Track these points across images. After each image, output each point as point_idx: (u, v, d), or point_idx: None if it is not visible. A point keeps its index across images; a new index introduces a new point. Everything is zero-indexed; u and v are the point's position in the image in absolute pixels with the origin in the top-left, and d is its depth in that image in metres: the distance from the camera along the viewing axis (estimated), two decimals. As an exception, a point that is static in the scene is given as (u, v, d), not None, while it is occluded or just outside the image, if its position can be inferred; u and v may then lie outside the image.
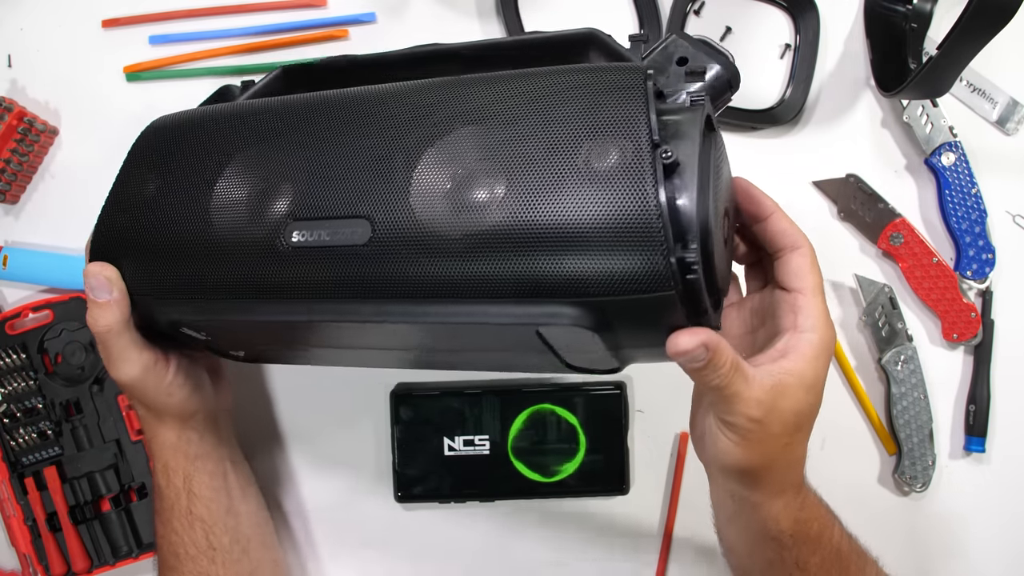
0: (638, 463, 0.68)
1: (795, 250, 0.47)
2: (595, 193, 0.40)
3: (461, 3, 0.69)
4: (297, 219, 0.46)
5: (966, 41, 0.55)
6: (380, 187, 0.44)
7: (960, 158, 0.67)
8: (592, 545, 0.68)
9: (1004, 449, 0.67)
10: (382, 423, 0.67)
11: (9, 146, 0.65)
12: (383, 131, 0.46)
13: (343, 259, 0.44)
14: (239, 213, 0.48)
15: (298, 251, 0.46)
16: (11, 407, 0.65)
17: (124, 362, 0.52)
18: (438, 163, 0.44)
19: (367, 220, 0.44)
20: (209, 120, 0.52)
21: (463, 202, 0.42)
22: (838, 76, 0.69)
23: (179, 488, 0.56)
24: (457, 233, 0.42)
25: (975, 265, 0.67)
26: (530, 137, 0.42)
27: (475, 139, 0.43)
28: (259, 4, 0.69)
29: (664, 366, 0.67)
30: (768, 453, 0.45)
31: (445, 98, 0.46)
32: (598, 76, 0.44)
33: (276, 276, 0.47)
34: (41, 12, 0.69)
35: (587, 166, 0.40)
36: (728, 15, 0.69)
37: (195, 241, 0.48)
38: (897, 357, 0.67)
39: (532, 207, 0.41)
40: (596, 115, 0.41)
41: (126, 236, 0.50)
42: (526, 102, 0.44)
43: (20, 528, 0.65)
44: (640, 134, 0.40)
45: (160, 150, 0.52)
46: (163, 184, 0.50)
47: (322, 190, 0.46)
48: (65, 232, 0.68)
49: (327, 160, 0.46)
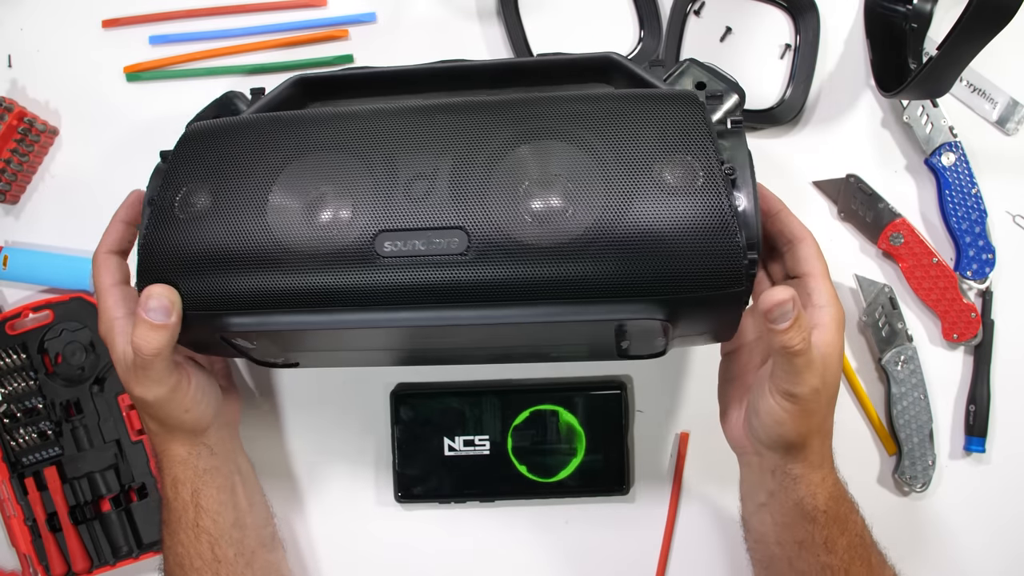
0: (638, 463, 0.68)
1: (802, 241, 0.53)
2: (679, 206, 0.45)
3: (461, 3, 0.69)
4: (387, 230, 0.47)
5: (966, 41, 0.55)
6: (472, 197, 0.46)
7: (960, 158, 0.67)
8: (592, 545, 0.68)
9: (1004, 449, 0.67)
10: (382, 423, 0.67)
11: (9, 146, 0.65)
12: (463, 143, 0.48)
13: (440, 268, 0.46)
14: (320, 224, 0.47)
15: (391, 261, 0.47)
16: (11, 407, 0.65)
17: (155, 383, 0.52)
18: (526, 174, 0.47)
19: (462, 231, 0.46)
20: (262, 128, 0.51)
21: (553, 211, 0.46)
22: (838, 76, 0.69)
23: (186, 501, 0.56)
24: (549, 241, 0.46)
25: (975, 265, 0.67)
26: (611, 153, 0.46)
27: (560, 154, 0.47)
28: (259, 4, 0.69)
29: (664, 367, 0.67)
30: (816, 422, 0.51)
31: (524, 113, 0.49)
32: (662, 103, 0.49)
33: (368, 287, 0.47)
34: (41, 12, 0.69)
35: (667, 183, 0.45)
36: (728, 15, 0.69)
37: (269, 254, 0.48)
38: (897, 357, 0.67)
39: (622, 217, 0.45)
40: (669, 137, 0.47)
41: (181, 251, 0.49)
42: (603, 122, 0.48)
43: (20, 528, 0.65)
44: (709, 155, 0.46)
45: (208, 160, 0.50)
46: (220, 196, 0.49)
47: (409, 201, 0.47)
48: (65, 232, 0.68)
49: (407, 170, 0.47)
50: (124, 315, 0.54)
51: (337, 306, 0.48)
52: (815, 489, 0.52)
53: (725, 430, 0.58)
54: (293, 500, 0.68)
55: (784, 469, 0.53)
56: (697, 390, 0.68)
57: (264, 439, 0.68)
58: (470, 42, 0.69)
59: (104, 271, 0.55)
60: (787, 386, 0.49)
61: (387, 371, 0.67)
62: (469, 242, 0.46)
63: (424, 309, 0.48)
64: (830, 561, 0.53)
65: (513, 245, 0.46)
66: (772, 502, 0.54)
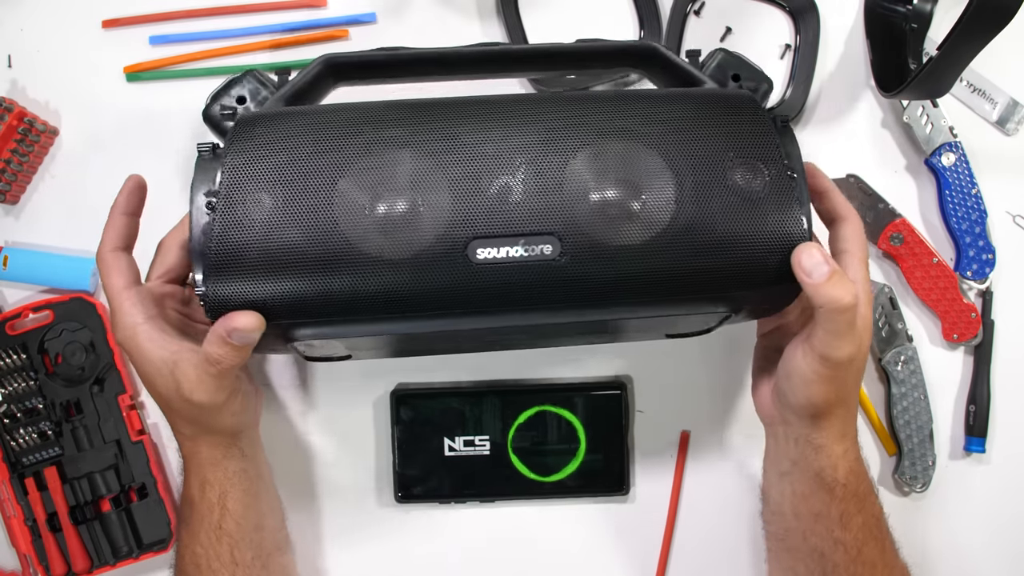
0: (638, 463, 0.68)
1: (846, 220, 0.54)
2: (751, 206, 0.48)
3: (461, 3, 0.69)
4: (480, 236, 0.46)
5: (966, 41, 0.55)
6: (561, 200, 0.47)
7: (960, 158, 0.67)
8: (592, 545, 0.68)
9: (1004, 449, 0.68)
10: (382, 423, 0.67)
11: (9, 146, 0.65)
12: (545, 144, 0.48)
13: (534, 272, 0.47)
14: (407, 232, 0.46)
15: (483, 267, 0.47)
16: (11, 407, 0.65)
17: (218, 390, 0.51)
18: (608, 174, 0.48)
19: (554, 236, 0.47)
20: (327, 121, 0.49)
21: (635, 212, 0.47)
22: (838, 76, 0.69)
23: (213, 503, 0.55)
24: (633, 240, 0.47)
25: (975, 265, 0.67)
26: (689, 155, 0.48)
27: (639, 156, 0.48)
28: (259, 4, 0.69)
29: (665, 367, 0.67)
30: (844, 391, 0.52)
31: (601, 112, 0.50)
32: (728, 106, 0.51)
33: (461, 293, 0.47)
34: (41, 12, 0.69)
35: (740, 185, 0.48)
36: (728, 15, 0.69)
37: (353, 264, 0.46)
38: (897, 357, 0.67)
39: (699, 219, 0.47)
40: (740, 142, 0.49)
41: (255, 259, 0.46)
42: (678, 125, 0.49)
43: (20, 528, 0.65)
44: (777, 159, 0.49)
45: (274, 159, 0.47)
46: (293, 200, 0.46)
47: (500, 205, 0.47)
48: (65, 232, 0.68)
49: (493, 173, 0.47)
50: (146, 319, 0.51)
51: (427, 313, 0.48)
52: (836, 461, 0.53)
53: (756, 402, 0.59)
54: (293, 500, 0.68)
55: (808, 438, 0.53)
56: (697, 390, 0.68)
57: (263, 438, 0.68)
58: (470, 42, 0.68)
59: (114, 272, 0.52)
60: (825, 349, 0.49)
61: (388, 371, 0.67)
62: (562, 247, 0.47)
63: (515, 313, 0.49)
64: (844, 537, 0.53)
65: (601, 248, 0.47)
66: (794, 471, 0.55)
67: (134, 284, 0.52)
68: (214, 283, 0.46)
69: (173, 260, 0.54)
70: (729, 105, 0.51)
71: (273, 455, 0.68)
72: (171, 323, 0.53)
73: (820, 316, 0.49)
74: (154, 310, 0.52)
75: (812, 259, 0.47)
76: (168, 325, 0.53)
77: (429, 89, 0.58)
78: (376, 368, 0.67)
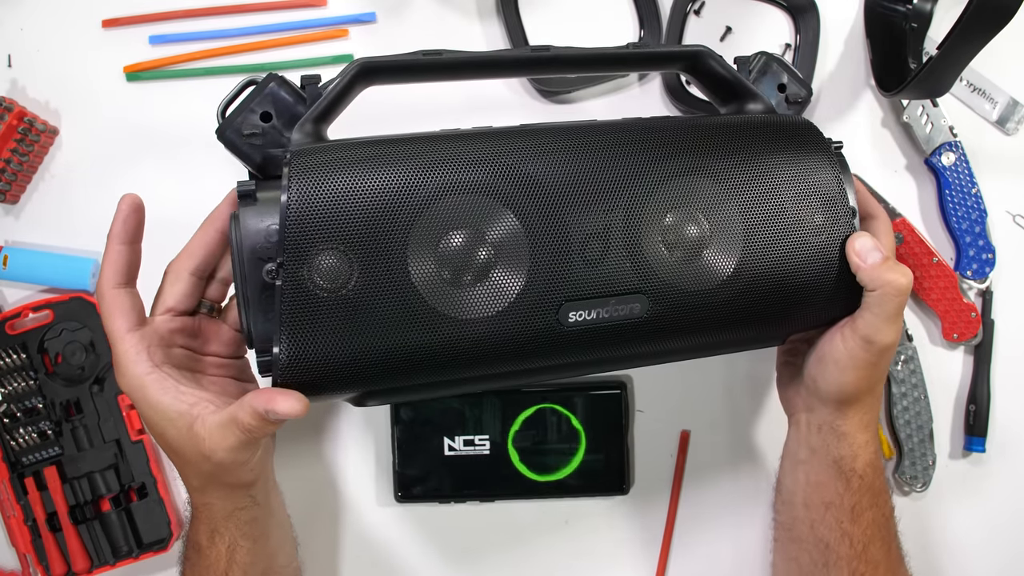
0: (638, 463, 0.68)
1: (875, 219, 0.56)
2: (818, 255, 0.50)
3: (461, 3, 0.69)
4: (572, 299, 0.46)
5: (966, 41, 0.55)
6: (648, 258, 0.47)
7: (960, 158, 0.67)
8: (592, 545, 0.68)
9: (1004, 449, 0.68)
10: (382, 423, 0.67)
11: (9, 146, 0.65)
12: (626, 191, 0.47)
13: (624, 332, 0.47)
14: (496, 301, 0.44)
15: (575, 330, 0.46)
16: (11, 407, 0.65)
17: (241, 451, 0.47)
18: (688, 222, 0.48)
19: (643, 295, 0.47)
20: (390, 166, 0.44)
21: (710, 259, 0.48)
22: (838, 76, 0.69)
23: (221, 553, 0.51)
24: (714, 284, 0.48)
25: (975, 265, 0.67)
26: (761, 199, 0.49)
27: (713, 197, 0.49)
28: (259, 4, 0.69)
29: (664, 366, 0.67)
30: (874, 379, 0.53)
31: (672, 146, 0.49)
32: (796, 138, 0.52)
33: (552, 354, 0.47)
34: (41, 12, 0.69)
35: (808, 229, 0.50)
36: (728, 15, 0.69)
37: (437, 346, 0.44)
38: (897, 357, 0.67)
39: (777, 266, 0.49)
40: (810, 182, 0.51)
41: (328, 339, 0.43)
42: (748, 164, 0.50)
43: (20, 528, 0.65)
44: (844, 199, 0.51)
45: (339, 215, 0.43)
46: (368, 272, 0.43)
47: (587, 266, 0.46)
48: (65, 232, 0.68)
49: (578, 228, 0.46)
50: (153, 368, 0.47)
51: (513, 373, 0.48)
52: (857, 451, 0.54)
53: (780, 390, 0.60)
54: (293, 500, 0.68)
55: (832, 425, 0.54)
56: (697, 390, 0.68)
57: (264, 439, 0.68)
58: (470, 41, 0.69)
59: (116, 313, 0.48)
60: (871, 332, 0.50)
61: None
62: (651, 306, 0.47)
63: (601, 365, 0.50)
64: (852, 530, 0.54)
65: (686, 299, 0.48)
66: (812, 459, 0.55)
67: (138, 326, 0.48)
68: (291, 342, 0.43)
69: (184, 290, 0.50)
70: (796, 138, 0.52)
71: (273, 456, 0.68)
72: (178, 364, 0.49)
73: (871, 300, 0.50)
74: (161, 356, 0.48)
75: (866, 245, 0.50)
76: (176, 370, 0.49)
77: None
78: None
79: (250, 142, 0.48)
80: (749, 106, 0.55)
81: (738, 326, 0.50)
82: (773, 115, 0.54)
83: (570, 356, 0.47)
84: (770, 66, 0.56)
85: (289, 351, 0.43)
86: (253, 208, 0.45)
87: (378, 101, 0.55)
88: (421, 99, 0.64)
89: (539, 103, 0.68)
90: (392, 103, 0.61)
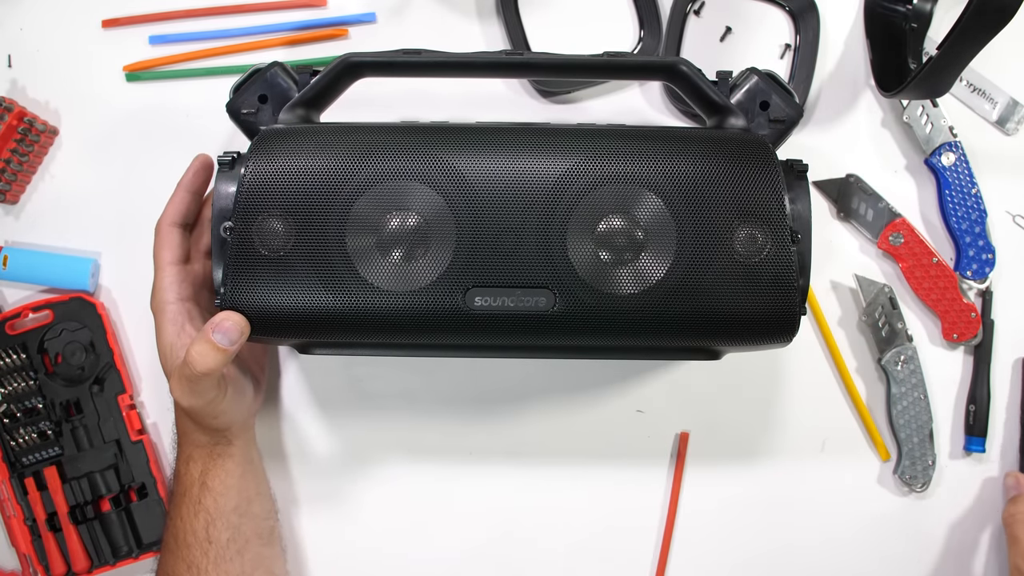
0: (638, 462, 0.68)
1: None
2: (747, 280, 0.50)
3: (461, 3, 0.69)
4: (478, 286, 0.50)
5: (966, 41, 0.55)
6: (559, 255, 0.50)
7: (960, 158, 0.67)
8: (592, 545, 0.68)
9: (1004, 449, 0.67)
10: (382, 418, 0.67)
11: (9, 146, 0.65)
12: (546, 192, 0.50)
13: (527, 323, 0.50)
14: (408, 275, 0.50)
15: (479, 313, 0.50)
16: (11, 407, 0.65)
17: (195, 396, 0.53)
18: (609, 226, 0.50)
19: (548, 290, 0.50)
20: (341, 150, 0.51)
21: (631, 267, 0.50)
22: (838, 76, 0.69)
23: (194, 478, 0.58)
24: (629, 292, 0.49)
25: (975, 265, 0.67)
26: (693, 211, 0.50)
27: (642, 205, 0.50)
28: (259, 4, 0.69)
29: (665, 367, 0.67)
30: None
31: (606, 154, 0.51)
32: (739, 159, 0.51)
33: (455, 338, 0.52)
34: (41, 12, 0.69)
35: (738, 251, 0.50)
36: (728, 15, 0.69)
37: (354, 306, 0.50)
38: (897, 357, 0.67)
39: (693, 283, 0.50)
40: (745, 203, 0.50)
41: (263, 290, 0.50)
42: (683, 175, 0.50)
43: (20, 528, 0.65)
44: (782, 223, 0.50)
45: (287, 187, 0.50)
46: (304, 237, 0.50)
47: (499, 256, 0.50)
48: (65, 232, 0.68)
49: (495, 221, 0.50)
50: (176, 299, 0.55)
51: (426, 347, 0.54)
52: None
53: None
54: (290, 497, 0.68)
55: None
56: (697, 390, 0.68)
57: (259, 430, 0.68)
58: (470, 41, 0.69)
59: (166, 246, 0.56)
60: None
61: (389, 370, 0.67)
62: (557, 301, 0.50)
63: (507, 351, 0.55)
64: None
65: (597, 300, 0.50)
66: None
67: (180, 261, 0.56)
68: (232, 289, 0.50)
69: (181, 204, 0.57)
70: (742, 155, 0.51)
71: (269, 446, 0.68)
72: (205, 306, 0.58)
73: None
74: (189, 291, 0.56)
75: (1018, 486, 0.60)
76: (197, 308, 0.57)
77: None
78: (377, 367, 0.67)
79: (247, 118, 0.56)
80: (730, 120, 0.55)
81: (658, 335, 0.51)
82: (728, 131, 0.54)
83: (477, 337, 0.51)
84: (756, 86, 0.56)
85: (231, 295, 0.50)
86: (228, 175, 0.52)
87: (388, 92, 0.65)
88: (427, 91, 0.66)
89: (539, 103, 0.68)
90: (399, 94, 0.67)
